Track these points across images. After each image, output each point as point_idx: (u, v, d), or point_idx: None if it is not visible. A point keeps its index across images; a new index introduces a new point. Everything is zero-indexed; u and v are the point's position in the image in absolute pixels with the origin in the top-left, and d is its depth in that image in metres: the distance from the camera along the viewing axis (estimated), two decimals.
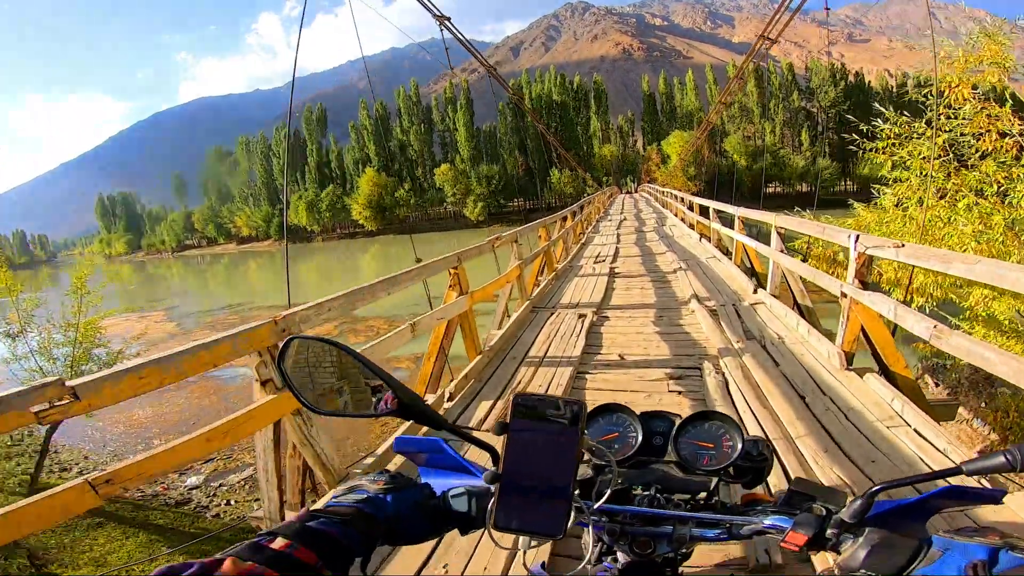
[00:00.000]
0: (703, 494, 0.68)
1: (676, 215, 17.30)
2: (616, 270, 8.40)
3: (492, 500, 0.56)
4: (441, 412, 3.20)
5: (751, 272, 7.22)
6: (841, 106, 60.89)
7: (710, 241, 9.68)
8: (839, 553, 0.55)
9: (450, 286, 4.06)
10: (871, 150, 6.71)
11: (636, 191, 58.20)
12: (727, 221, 9.20)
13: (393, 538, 0.61)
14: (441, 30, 10.29)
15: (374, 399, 0.67)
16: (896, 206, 6.41)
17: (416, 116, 69.61)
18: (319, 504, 0.75)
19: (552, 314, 5.67)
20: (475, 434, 0.68)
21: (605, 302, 6.18)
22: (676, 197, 18.76)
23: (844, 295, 3.49)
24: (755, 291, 5.90)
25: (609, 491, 0.60)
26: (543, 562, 1.01)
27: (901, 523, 0.54)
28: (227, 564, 0.42)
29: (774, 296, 5.43)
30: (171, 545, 5.43)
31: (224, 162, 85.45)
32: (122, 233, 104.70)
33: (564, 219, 10.98)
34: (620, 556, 0.65)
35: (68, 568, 5.08)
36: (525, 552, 0.61)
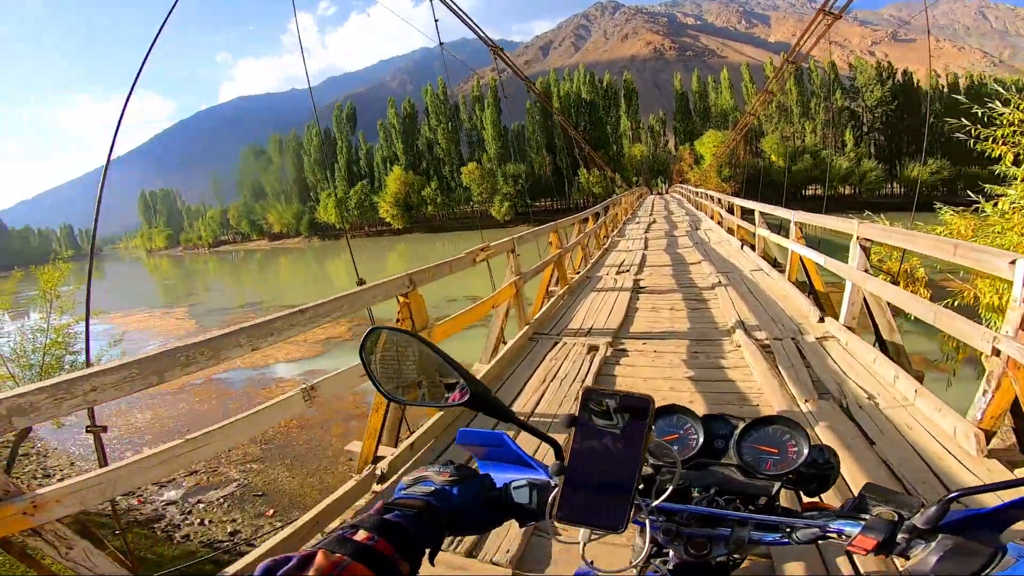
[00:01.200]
0: (763, 499, 0.67)
1: (712, 218, 15.73)
2: (641, 283, 7.16)
3: (555, 492, 0.58)
4: (371, 493, 2.48)
5: (808, 290, 5.86)
6: (888, 105, 57.99)
7: (754, 250, 8.31)
8: (908, 559, 0.54)
9: (398, 320, 2.94)
10: (986, 139, 5.25)
11: (667, 192, 56.76)
12: (774, 226, 7.84)
13: (457, 529, 0.62)
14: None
15: (447, 392, 0.70)
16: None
17: (443, 115, 69.11)
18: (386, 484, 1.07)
19: (555, 344, 4.54)
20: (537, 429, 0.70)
21: (624, 328, 4.97)
22: (712, 198, 17.17)
23: (997, 352, 2.23)
24: (820, 320, 4.60)
25: (671, 489, 0.60)
26: (591, 560, 0.67)
27: (976, 531, 0.53)
28: (320, 557, 0.45)
29: (848, 329, 4.13)
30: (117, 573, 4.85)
31: (258, 160, 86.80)
32: (162, 228, 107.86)
33: (585, 221, 9.75)
34: (672, 557, 0.65)
35: None
36: (585, 545, 0.62)
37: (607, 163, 54.07)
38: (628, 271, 8.18)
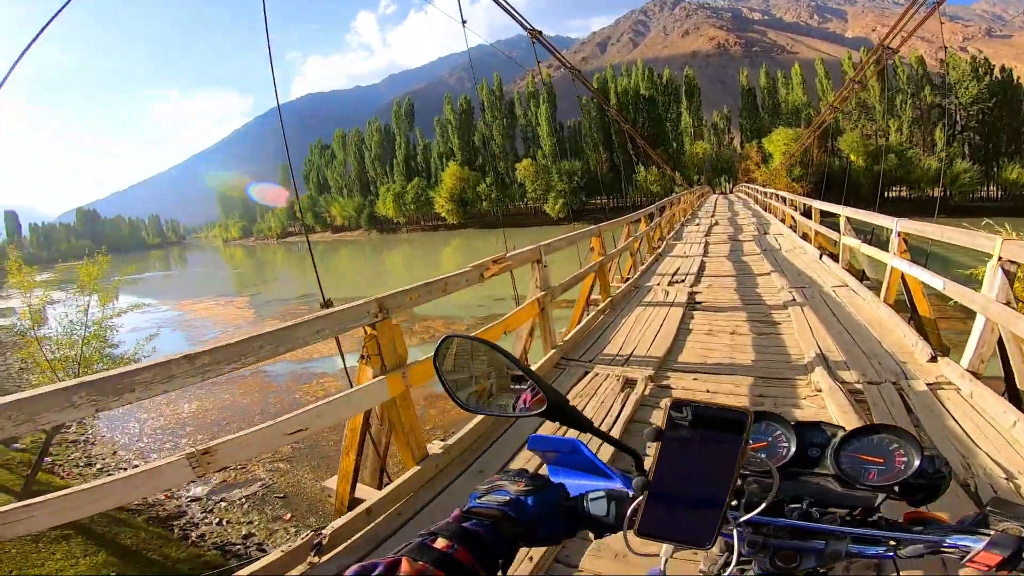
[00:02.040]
0: (860, 510, 0.65)
1: (783, 221, 14.12)
2: (697, 297, 6.20)
3: (638, 505, 0.56)
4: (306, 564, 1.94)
5: (909, 317, 4.74)
6: (985, 103, 52.68)
7: (837, 261, 7.10)
8: None
9: (362, 356, 2.32)
10: None
11: (731, 191, 54.02)
12: (857, 232, 6.65)
13: (532, 540, 0.61)
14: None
15: (521, 402, 0.68)
16: None
17: (498, 111, 68.99)
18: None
19: (585, 375, 3.77)
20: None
21: (671, 357, 4.11)
22: (783, 199, 15.56)
23: None
24: (932, 359, 3.58)
25: (767, 503, 0.58)
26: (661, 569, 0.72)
27: None
28: (404, 564, 0.46)
29: (973, 375, 3.13)
30: (121, 572, 5.06)
31: (323, 155, 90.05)
32: (237, 220, 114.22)
33: (637, 222, 8.82)
34: (756, 568, 0.63)
35: None
36: (667, 561, 0.62)
37: (666, 161, 52.07)
38: (682, 281, 7.19)
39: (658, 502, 0.54)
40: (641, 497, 0.55)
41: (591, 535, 0.65)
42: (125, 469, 8.56)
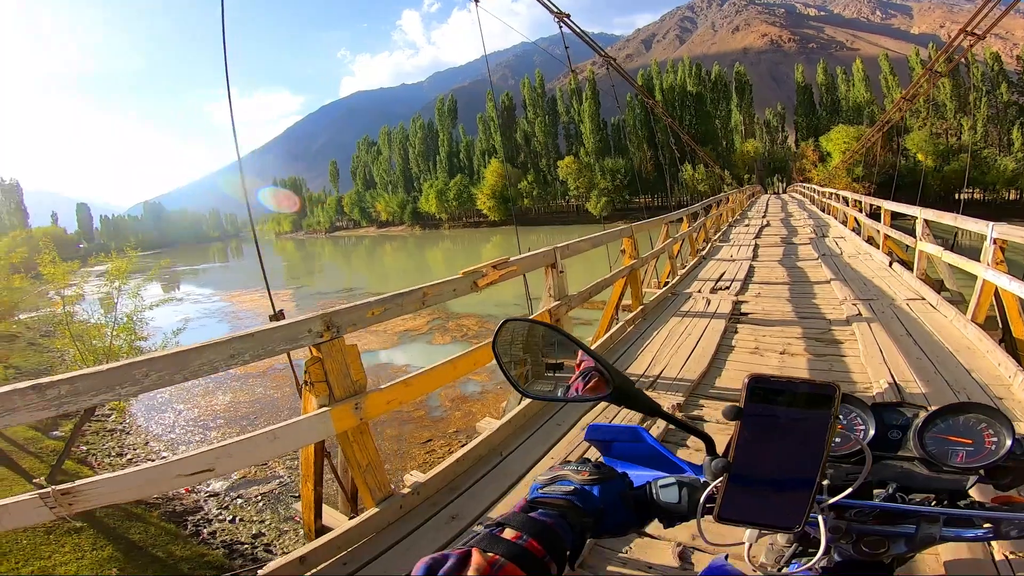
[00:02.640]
0: (947, 494, 0.62)
1: (846, 223, 12.82)
2: (742, 308, 5.51)
3: (712, 491, 0.55)
4: None
5: (1000, 338, 3.96)
6: None
7: (910, 269, 6.22)
8: None
9: (305, 383, 1.93)
10: None
11: (785, 191, 51.73)
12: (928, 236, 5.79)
13: (599, 530, 0.60)
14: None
15: (586, 387, 0.67)
16: None
17: (541, 108, 68.44)
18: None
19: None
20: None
21: (707, 380, 3.52)
22: (844, 199, 14.28)
23: None
24: None
25: (859, 483, 0.56)
26: (726, 554, 0.69)
27: None
28: (475, 555, 0.45)
29: None
30: (123, 568, 4.83)
31: (369, 151, 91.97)
32: (289, 214, 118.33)
33: (677, 221, 8.13)
34: (836, 555, 0.60)
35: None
36: (751, 546, 0.59)
37: (715, 159, 50.20)
38: (727, 288, 6.46)
39: (739, 485, 0.51)
40: (719, 481, 0.53)
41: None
42: (152, 460, 8.68)
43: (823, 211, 18.74)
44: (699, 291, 6.45)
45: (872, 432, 0.65)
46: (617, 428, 0.71)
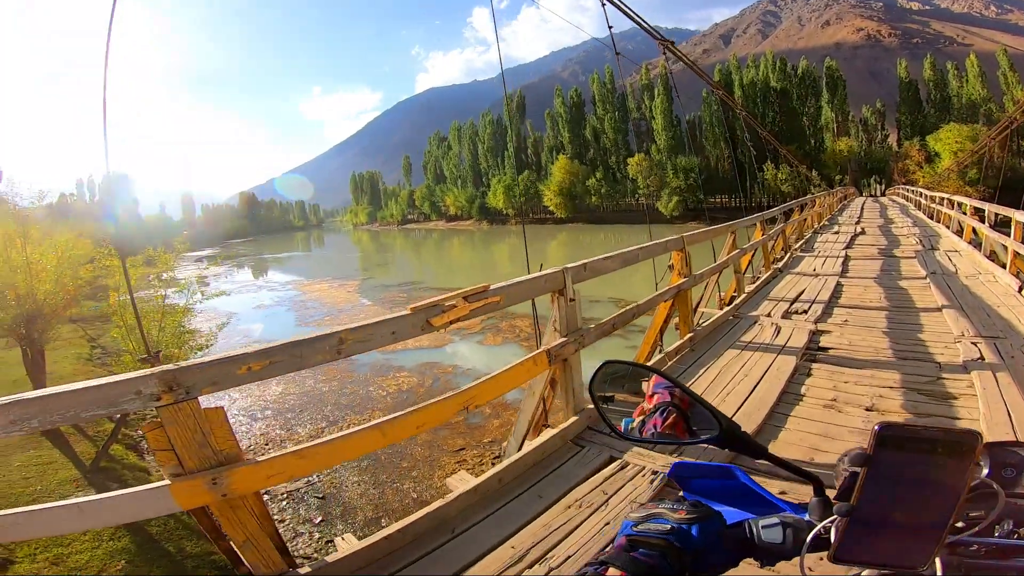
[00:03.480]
0: None
1: (962, 235, 10.56)
2: (821, 340, 4.47)
3: (827, 530, 0.56)
4: None
5: None
6: None
7: None
8: None
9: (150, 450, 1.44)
10: None
11: (884, 194, 47.22)
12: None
13: (697, 571, 0.59)
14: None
15: (691, 429, 0.70)
16: None
17: (610, 104, 66.61)
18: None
19: (607, 463, 2.58)
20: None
21: (761, 443, 2.77)
22: (961, 207, 12.08)
23: None
24: None
25: (987, 522, 0.57)
26: None
27: None
28: None
29: None
30: (132, 561, 4.98)
31: (440, 146, 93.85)
32: (365, 206, 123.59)
33: (750, 227, 7.13)
34: None
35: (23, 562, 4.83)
36: None
37: (801, 158, 46.50)
38: (804, 312, 5.42)
39: (860, 526, 0.52)
40: (835, 521, 0.55)
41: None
42: None
43: (931, 218, 16.35)
44: (768, 314, 5.44)
45: (986, 471, 0.64)
46: (708, 466, 0.72)
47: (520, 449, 2.68)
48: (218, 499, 1.57)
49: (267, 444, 8.80)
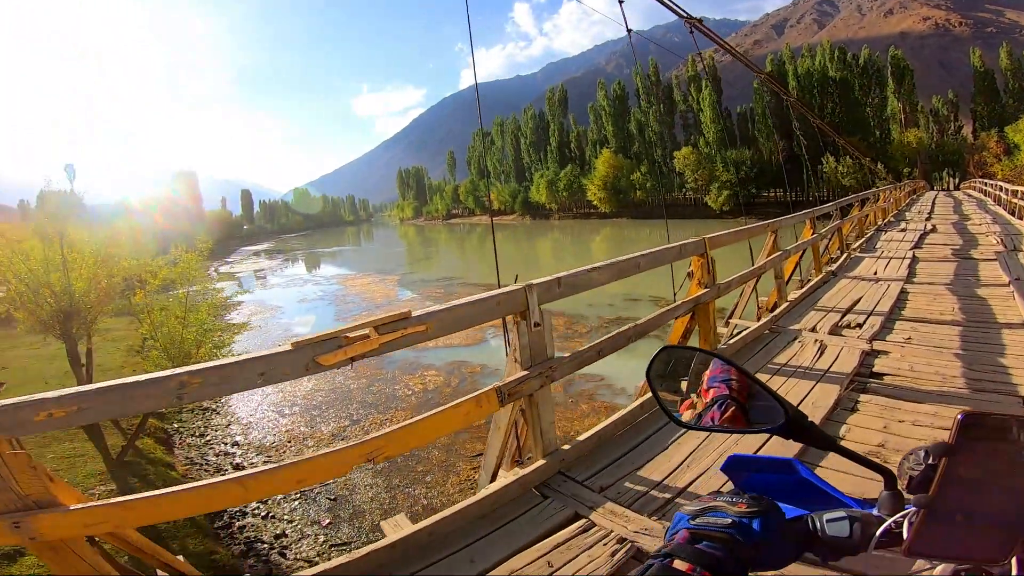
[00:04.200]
0: None
1: None
2: (875, 363, 3.79)
3: (899, 524, 0.56)
4: None
5: None
6: None
7: None
8: None
9: None
10: None
11: (958, 187, 43.85)
12: None
13: (759, 565, 0.59)
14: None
15: (753, 418, 0.69)
16: None
17: (655, 96, 64.60)
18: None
19: (565, 524, 2.14)
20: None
21: None
22: None
23: None
24: None
25: None
26: None
27: None
28: None
29: None
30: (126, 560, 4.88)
31: (483, 141, 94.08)
32: (411, 201, 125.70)
33: (790, 227, 6.38)
34: None
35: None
36: None
37: (865, 151, 43.60)
38: (858, 327, 4.67)
39: (938, 519, 0.51)
40: (909, 515, 0.55)
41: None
42: (229, 444, 9.02)
43: (1013, 214, 14.67)
44: (813, 328, 4.70)
45: None
46: (765, 459, 0.71)
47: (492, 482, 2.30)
48: (28, 541, 1.48)
49: (290, 441, 8.83)
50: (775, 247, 5.67)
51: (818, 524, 0.61)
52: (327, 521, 6.16)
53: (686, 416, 0.74)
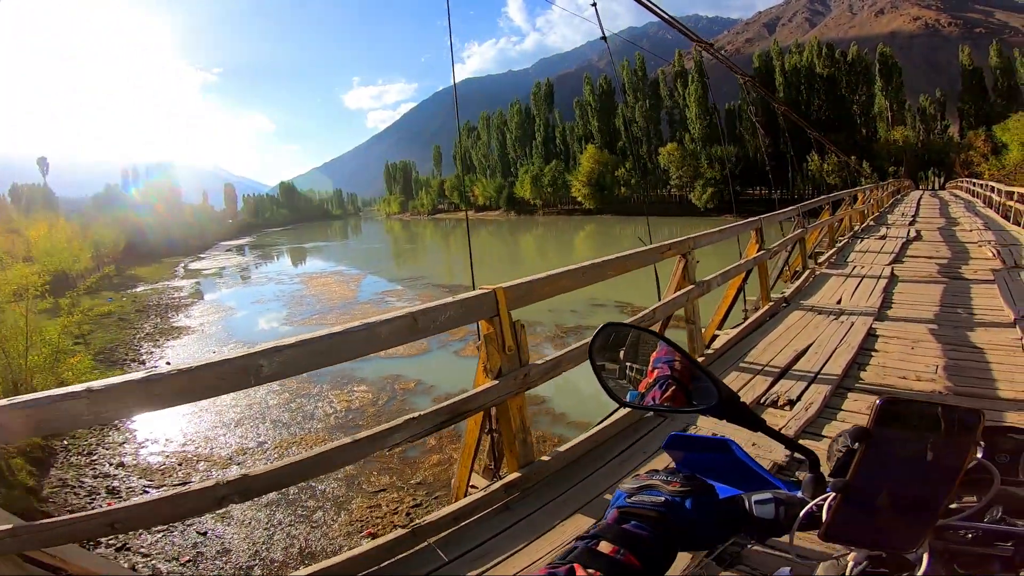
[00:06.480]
0: None
1: None
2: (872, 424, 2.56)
3: (819, 508, 0.56)
4: None
5: None
6: None
7: None
8: None
9: None
10: None
11: (943, 187, 43.75)
12: None
13: (688, 544, 0.60)
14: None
15: (689, 397, 0.69)
16: None
17: (641, 92, 64.22)
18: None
19: None
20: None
21: None
22: None
23: None
24: None
25: (979, 507, 0.56)
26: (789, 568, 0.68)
27: None
28: (577, 572, 0.46)
29: None
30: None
31: (469, 136, 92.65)
32: (398, 195, 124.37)
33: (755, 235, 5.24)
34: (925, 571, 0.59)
35: None
36: (855, 567, 0.58)
37: (850, 149, 43.24)
38: (789, 405, 3.23)
39: (853, 505, 0.52)
40: (828, 499, 0.55)
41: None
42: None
43: (1007, 219, 13.26)
44: (744, 387, 3.45)
45: (980, 455, 0.63)
46: (704, 439, 0.72)
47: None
48: None
49: (180, 464, 7.78)
50: (684, 276, 4.09)
51: (748, 505, 0.61)
52: (187, 558, 5.39)
53: (627, 396, 0.73)
